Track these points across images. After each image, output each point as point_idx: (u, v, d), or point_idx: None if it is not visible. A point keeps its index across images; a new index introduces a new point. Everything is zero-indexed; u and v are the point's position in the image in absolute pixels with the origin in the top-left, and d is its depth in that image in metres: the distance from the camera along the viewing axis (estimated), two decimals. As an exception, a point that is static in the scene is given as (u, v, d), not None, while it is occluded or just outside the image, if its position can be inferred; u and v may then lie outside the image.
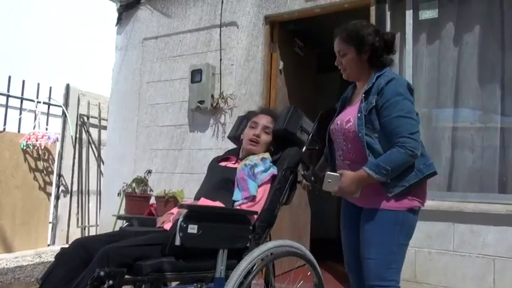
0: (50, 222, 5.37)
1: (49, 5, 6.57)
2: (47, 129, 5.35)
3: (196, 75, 3.81)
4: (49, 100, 5.48)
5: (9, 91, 5.02)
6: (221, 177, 2.08)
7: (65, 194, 5.54)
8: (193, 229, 1.59)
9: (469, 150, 2.95)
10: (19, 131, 5.13)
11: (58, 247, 1.97)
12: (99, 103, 5.92)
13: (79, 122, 5.73)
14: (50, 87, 5.48)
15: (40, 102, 5.30)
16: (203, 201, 1.96)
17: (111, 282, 1.39)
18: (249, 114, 2.35)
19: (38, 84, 5.30)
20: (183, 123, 4.03)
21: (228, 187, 2.00)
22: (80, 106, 5.74)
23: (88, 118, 5.83)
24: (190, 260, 1.67)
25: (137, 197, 3.32)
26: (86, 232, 5.67)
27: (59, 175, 5.45)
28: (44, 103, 5.39)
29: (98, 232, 4.71)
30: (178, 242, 1.57)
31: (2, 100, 5.03)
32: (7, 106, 5.04)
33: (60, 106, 5.57)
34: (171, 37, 4.22)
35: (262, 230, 1.92)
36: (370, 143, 1.73)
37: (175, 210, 2.04)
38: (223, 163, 2.21)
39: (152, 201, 3.36)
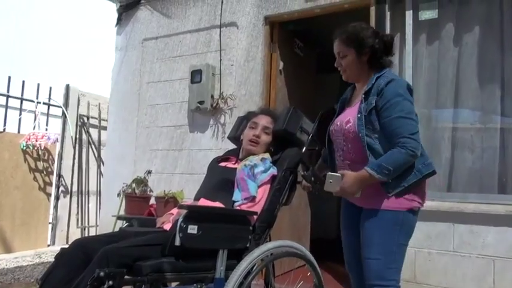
0: (50, 222, 5.37)
1: (49, 6, 6.57)
2: (47, 129, 5.35)
3: (196, 75, 3.81)
4: (49, 100, 5.48)
5: (9, 91, 5.02)
6: (221, 177, 2.08)
7: (65, 195, 5.54)
8: (193, 229, 1.59)
9: (469, 150, 2.96)
10: (19, 132, 5.13)
11: (58, 247, 1.97)
12: (99, 103, 5.92)
13: (79, 123, 5.73)
14: (50, 87, 5.48)
15: (40, 102, 5.30)
16: (203, 201, 1.96)
17: (110, 282, 1.39)
18: (249, 114, 2.35)
19: (38, 84, 5.30)
20: (183, 123, 4.03)
21: (228, 187, 2.00)
22: (80, 106, 5.74)
23: (88, 118, 5.83)
24: (190, 261, 1.67)
25: (137, 198, 3.33)
26: (86, 232, 5.66)
27: (59, 175, 5.45)
28: (44, 103, 5.39)
29: (98, 232, 4.71)
30: (178, 243, 1.57)
31: (2, 100, 5.03)
32: (7, 106, 5.04)
33: (60, 107, 5.57)
34: (171, 37, 4.22)
35: (262, 231, 1.92)
36: (370, 143, 1.74)
37: (175, 210, 2.04)
38: (223, 163, 2.21)
39: (152, 201, 3.36)
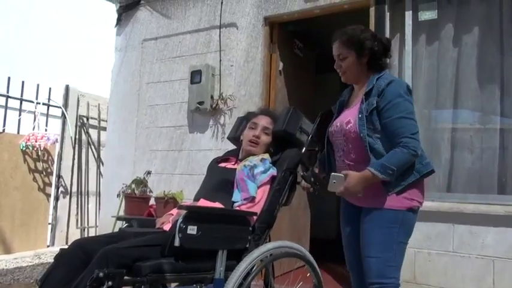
0: (50, 223, 5.37)
1: (49, 6, 6.57)
2: (47, 130, 5.35)
3: (195, 76, 3.81)
4: (48, 101, 5.49)
5: (8, 92, 5.02)
6: (220, 178, 2.08)
7: (65, 195, 5.54)
8: (192, 230, 1.59)
9: (468, 151, 2.96)
10: (18, 132, 5.13)
11: (57, 248, 1.97)
12: (98, 104, 5.92)
13: (78, 123, 5.73)
14: (50, 88, 5.49)
15: (39, 103, 5.31)
16: (202, 202, 1.95)
17: (110, 283, 1.39)
18: (249, 115, 2.35)
19: (38, 85, 5.30)
20: (183, 124, 4.03)
21: (228, 188, 2.00)
22: (80, 107, 5.74)
23: (87, 119, 5.83)
24: (189, 261, 1.66)
25: (137, 198, 3.32)
26: (86, 233, 5.66)
27: (59, 176, 5.45)
28: (44, 104, 5.39)
29: (98, 233, 4.71)
30: (177, 243, 1.57)
31: (2, 101, 5.03)
32: (6, 107, 5.05)
33: (59, 107, 5.57)
34: (171, 38, 4.22)
35: (261, 231, 1.91)
36: (371, 143, 1.76)
37: (174, 211, 2.04)
38: (222, 164, 2.21)
39: (152, 202, 3.36)
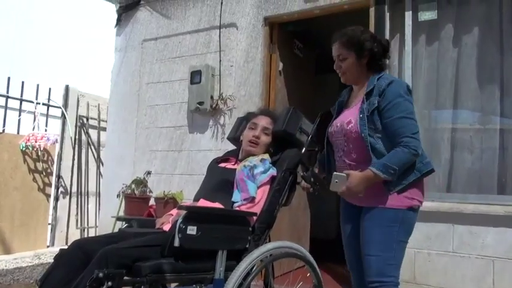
0: (49, 223, 5.36)
1: (49, 6, 6.57)
2: (46, 130, 5.35)
3: (195, 76, 3.81)
4: (48, 101, 5.48)
5: (8, 92, 5.02)
6: (220, 178, 2.08)
7: (64, 195, 5.53)
8: (192, 230, 1.59)
9: (468, 151, 2.96)
10: (18, 132, 5.13)
11: (57, 248, 1.97)
12: (98, 104, 5.92)
13: (78, 123, 5.73)
14: (50, 88, 5.48)
15: (39, 103, 5.30)
16: (202, 202, 1.95)
17: (110, 283, 1.39)
18: (249, 115, 2.35)
19: (38, 85, 5.30)
20: (183, 124, 4.03)
21: (227, 188, 1.99)
22: (79, 107, 5.74)
23: (87, 119, 5.82)
24: (189, 261, 1.66)
25: (136, 199, 3.32)
26: (85, 233, 5.66)
27: (58, 176, 5.45)
28: (43, 104, 5.39)
29: (97, 233, 4.71)
30: (177, 243, 1.57)
31: (1, 101, 5.03)
32: (6, 107, 5.04)
33: (59, 107, 5.57)
34: (171, 38, 4.22)
35: (261, 231, 1.91)
36: (372, 143, 1.77)
37: (174, 211, 2.04)
38: (222, 164, 2.21)
39: (152, 202, 3.36)
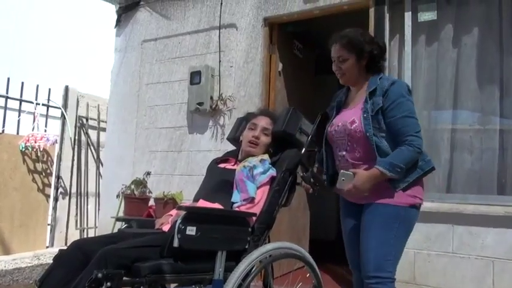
0: (49, 224, 5.35)
1: (48, 7, 6.57)
2: (46, 131, 5.35)
3: (195, 77, 3.81)
4: (48, 102, 5.48)
5: (8, 93, 5.02)
6: (220, 179, 2.07)
7: (64, 196, 5.52)
8: (191, 231, 1.59)
9: (468, 152, 2.96)
10: (18, 133, 5.13)
11: (57, 249, 1.96)
12: (98, 105, 5.91)
13: (78, 124, 5.72)
14: (49, 88, 5.48)
15: (39, 103, 5.30)
16: (202, 203, 1.95)
17: (109, 284, 1.38)
18: (248, 115, 2.34)
19: (37, 85, 5.30)
20: (182, 125, 4.02)
21: (227, 189, 1.99)
22: (79, 108, 5.73)
23: (87, 120, 5.82)
24: (188, 262, 1.66)
25: (136, 199, 3.32)
26: (85, 234, 5.65)
27: (58, 177, 5.44)
28: (43, 105, 5.38)
29: (97, 234, 4.70)
30: (176, 244, 1.56)
31: (1, 102, 5.03)
32: (6, 108, 5.04)
33: (59, 108, 5.56)
34: (170, 39, 4.22)
35: (261, 232, 1.91)
36: (376, 142, 1.80)
37: (174, 211, 2.04)
38: (222, 165, 2.20)
39: (151, 203, 3.35)
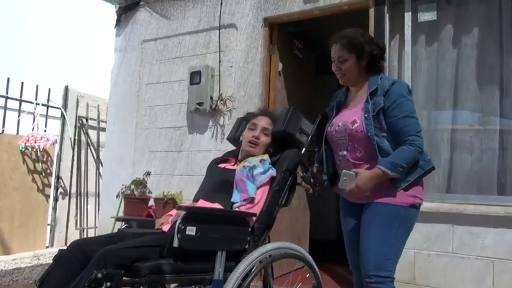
0: (49, 224, 5.35)
1: (48, 7, 6.57)
2: (46, 131, 5.35)
3: (195, 77, 3.81)
4: (48, 102, 5.48)
5: (7, 93, 5.02)
6: (220, 179, 2.07)
7: (64, 196, 5.52)
8: (191, 231, 1.58)
9: (468, 152, 2.96)
10: (18, 133, 5.13)
11: (56, 249, 1.96)
12: (98, 105, 5.91)
13: (78, 124, 5.72)
14: (49, 89, 5.48)
15: (39, 104, 5.30)
16: (202, 203, 1.95)
17: (108, 284, 1.38)
18: (248, 115, 2.34)
19: (37, 86, 5.30)
20: (182, 125, 4.02)
21: (227, 189, 1.99)
22: (79, 108, 5.73)
23: (87, 120, 5.81)
24: (188, 262, 1.66)
25: (136, 199, 3.31)
26: (85, 234, 5.64)
27: (58, 177, 5.44)
28: (43, 105, 5.38)
29: (97, 234, 4.70)
30: (176, 244, 1.56)
31: (1, 102, 5.03)
32: (6, 108, 5.05)
33: (59, 108, 5.56)
34: (170, 39, 4.22)
35: (261, 232, 1.91)
36: (378, 142, 1.81)
37: (174, 211, 2.04)
38: (222, 165, 2.20)
39: (151, 203, 3.35)
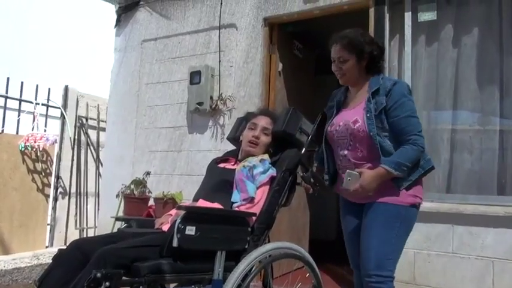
0: (48, 224, 5.34)
1: (48, 6, 6.57)
2: (46, 130, 5.34)
3: (195, 76, 3.81)
4: (47, 102, 5.46)
5: (7, 92, 5.01)
6: (220, 178, 2.07)
7: (63, 196, 5.51)
8: (191, 231, 1.58)
9: (468, 152, 2.95)
10: (17, 133, 5.12)
11: (56, 249, 1.96)
12: (97, 105, 5.90)
13: (77, 124, 5.71)
14: (49, 88, 5.47)
15: (38, 103, 5.28)
16: (201, 202, 1.94)
17: (107, 283, 1.38)
18: (248, 115, 2.34)
19: (37, 85, 5.29)
20: (182, 124, 4.02)
21: (227, 189, 1.99)
22: (79, 108, 5.72)
23: (87, 120, 5.81)
24: (187, 262, 1.65)
25: (136, 199, 3.32)
26: (85, 234, 5.63)
27: (57, 177, 5.43)
28: (43, 105, 5.37)
29: (97, 234, 4.70)
30: (175, 244, 1.56)
31: (1, 101, 5.02)
32: (5, 107, 5.04)
33: (58, 108, 5.55)
34: (170, 39, 4.21)
35: (260, 232, 1.90)
36: (380, 142, 1.81)
37: (173, 211, 2.03)
38: (222, 164, 2.20)
39: (151, 202, 3.35)
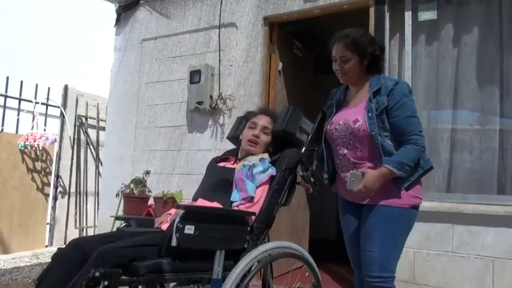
0: (48, 223, 5.34)
1: (47, 6, 6.56)
2: (45, 130, 5.34)
3: (195, 76, 3.80)
4: (47, 101, 5.47)
5: (7, 92, 5.01)
6: (219, 177, 2.06)
7: (63, 195, 5.52)
8: (190, 230, 1.58)
9: (468, 151, 2.95)
10: (17, 132, 5.12)
11: (56, 248, 1.96)
12: (97, 104, 5.90)
13: (77, 123, 5.71)
14: (48, 87, 5.47)
15: (38, 102, 5.29)
16: (201, 201, 1.94)
17: (106, 282, 1.38)
18: (248, 114, 2.33)
19: (36, 84, 5.29)
20: (182, 124, 4.02)
21: (226, 188, 1.98)
22: (78, 107, 5.72)
23: (86, 119, 5.81)
24: (187, 261, 1.65)
25: (135, 198, 3.31)
26: (84, 233, 5.64)
27: (57, 176, 5.43)
28: (42, 104, 5.38)
29: (96, 233, 4.69)
30: (174, 243, 1.55)
31: (0, 100, 5.02)
32: (5, 107, 5.04)
33: (58, 107, 5.55)
34: (170, 38, 4.21)
35: (260, 231, 1.90)
36: (380, 142, 1.81)
37: (173, 210, 2.03)
38: (221, 164, 2.20)
39: (151, 202, 3.35)
